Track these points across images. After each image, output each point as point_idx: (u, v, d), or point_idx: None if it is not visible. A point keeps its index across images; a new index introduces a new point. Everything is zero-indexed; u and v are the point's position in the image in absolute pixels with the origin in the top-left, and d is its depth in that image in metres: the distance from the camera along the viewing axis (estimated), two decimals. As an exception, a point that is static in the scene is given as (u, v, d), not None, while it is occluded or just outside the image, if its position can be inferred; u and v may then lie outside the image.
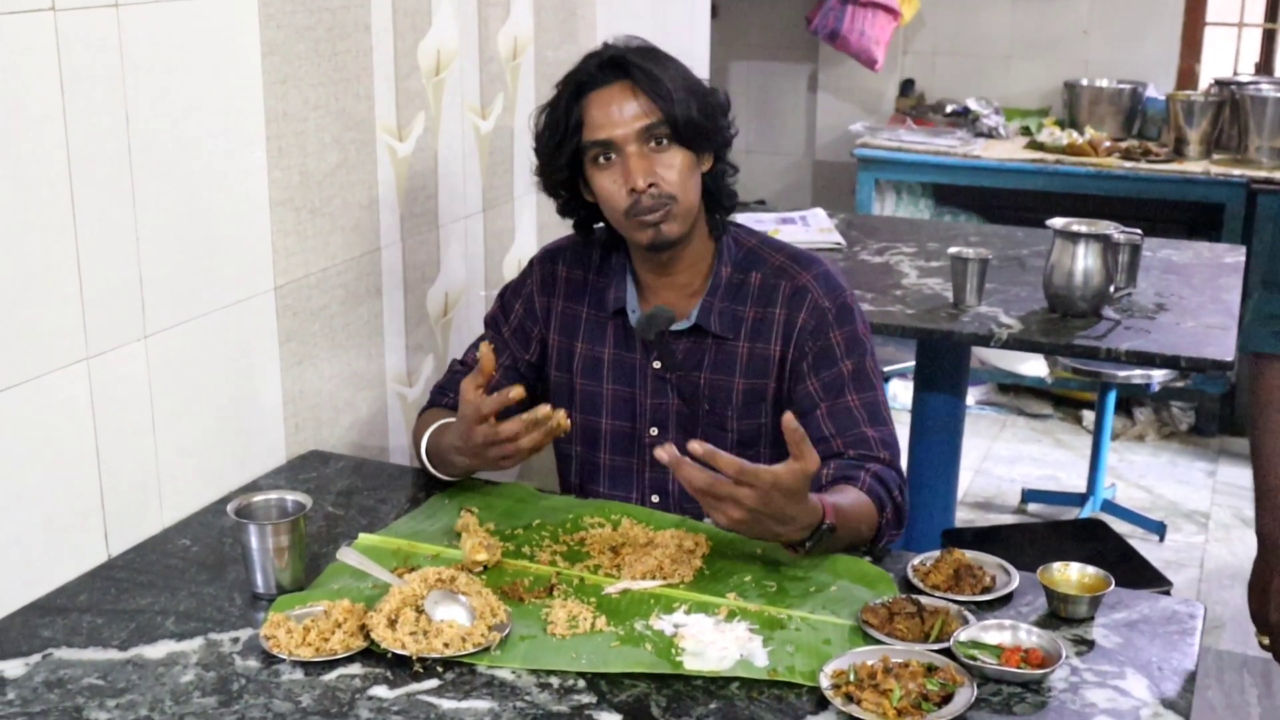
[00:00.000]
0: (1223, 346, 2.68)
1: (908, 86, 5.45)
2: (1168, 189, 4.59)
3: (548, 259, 2.08)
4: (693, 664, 1.49)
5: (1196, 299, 2.99)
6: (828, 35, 5.17)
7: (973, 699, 1.40)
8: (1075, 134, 4.86)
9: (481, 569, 1.72)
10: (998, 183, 4.82)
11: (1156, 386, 4.14)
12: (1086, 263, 2.80)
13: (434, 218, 2.43)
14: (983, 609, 1.62)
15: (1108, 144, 4.77)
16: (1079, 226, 2.83)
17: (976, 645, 1.50)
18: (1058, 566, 1.65)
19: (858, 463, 1.84)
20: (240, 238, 1.96)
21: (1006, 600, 1.65)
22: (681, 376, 1.96)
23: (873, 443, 1.86)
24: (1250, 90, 4.69)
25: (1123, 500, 4.24)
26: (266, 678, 1.48)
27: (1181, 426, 4.84)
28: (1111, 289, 2.87)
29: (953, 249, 2.95)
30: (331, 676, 1.48)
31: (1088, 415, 4.87)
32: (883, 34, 5.13)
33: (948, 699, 1.41)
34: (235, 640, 1.56)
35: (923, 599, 1.60)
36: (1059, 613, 1.61)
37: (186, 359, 1.88)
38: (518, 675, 1.49)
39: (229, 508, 1.69)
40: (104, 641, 1.55)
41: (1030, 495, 4.27)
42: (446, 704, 1.43)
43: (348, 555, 1.73)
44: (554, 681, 1.48)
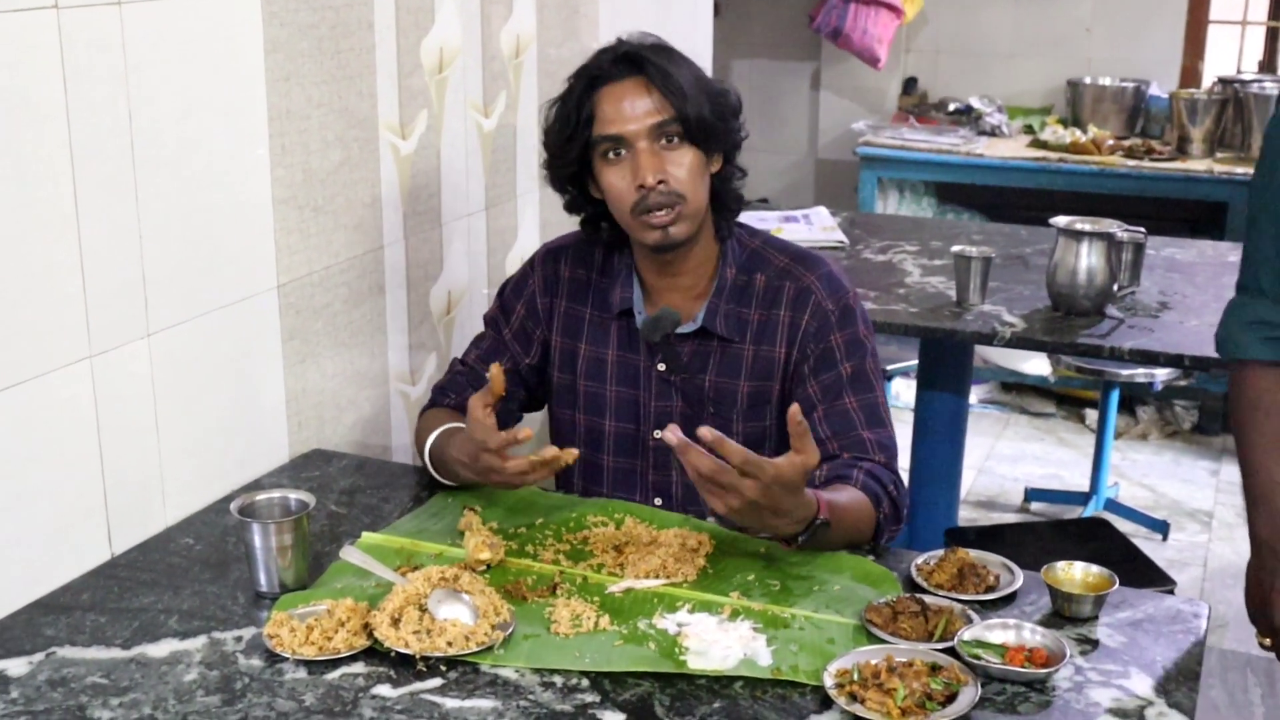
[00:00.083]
0: (1227, 345, 2.68)
1: (910, 85, 5.45)
2: (1171, 187, 4.59)
3: (550, 259, 2.06)
4: (696, 663, 1.49)
5: (1200, 298, 2.99)
6: (830, 33, 5.17)
7: (977, 698, 1.40)
8: (1078, 132, 4.85)
9: (485, 568, 1.72)
10: (1000, 181, 4.82)
11: (1160, 385, 4.13)
12: (1090, 261, 2.80)
13: (436, 216, 2.43)
14: (987, 608, 1.62)
15: (1111, 142, 4.76)
16: (1083, 225, 2.82)
17: (980, 644, 1.50)
18: (1062, 565, 1.65)
19: (851, 462, 1.84)
20: (243, 236, 1.96)
21: (1010, 599, 1.65)
22: (686, 379, 1.95)
23: (869, 445, 1.86)
24: (1254, 88, 4.69)
25: (1126, 499, 4.23)
26: (270, 677, 1.48)
27: (1185, 425, 4.84)
28: (1115, 288, 2.87)
29: (956, 247, 2.95)
30: (335, 675, 1.48)
31: (1090, 414, 4.87)
32: (885, 32, 5.12)
33: (952, 698, 1.41)
34: (238, 639, 1.56)
35: (927, 598, 1.59)
36: (1063, 612, 1.61)
37: (189, 357, 1.88)
38: (521, 674, 1.48)
39: (232, 506, 1.69)
40: (107, 640, 1.55)
41: (1033, 494, 4.27)
42: (450, 703, 1.43)
43: (351, 554, 1.73)
44: (557, 680, 1.48)
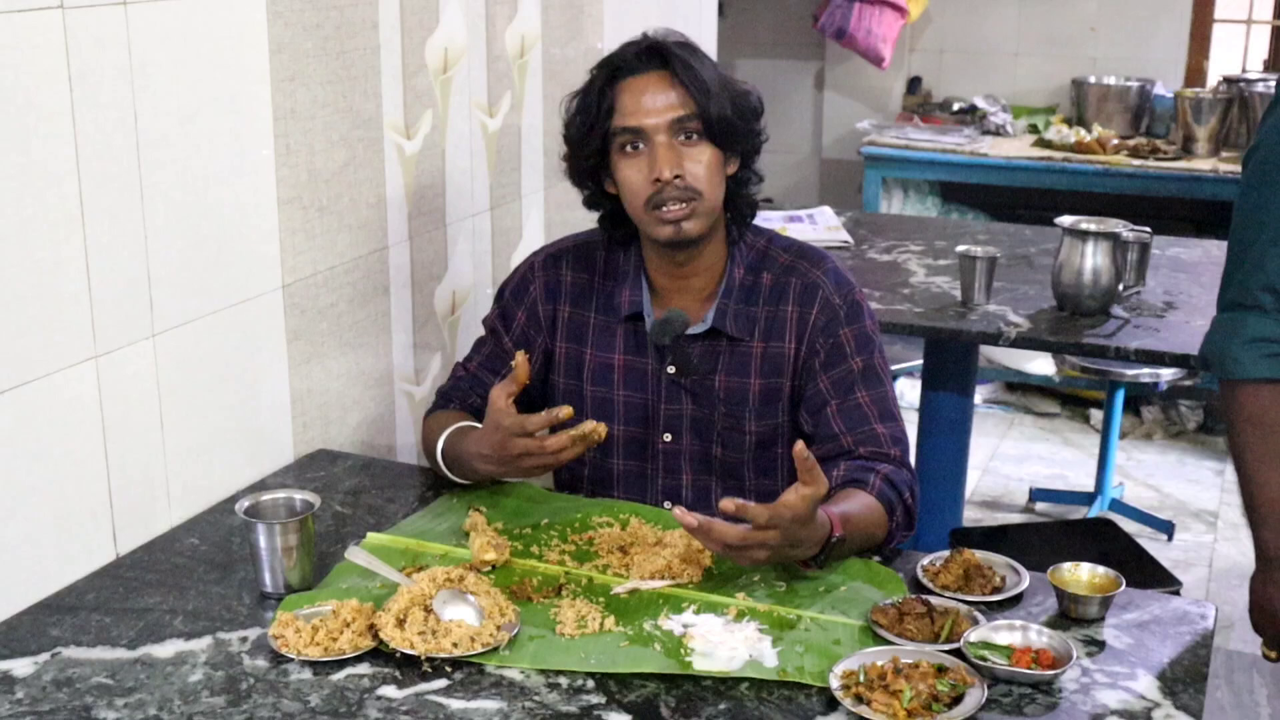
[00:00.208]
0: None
1: (915, 84, 5.44)
2: (1176, 187, 4.58)
3: (551, 263, 2.04)
4: (702, 664, 1.49)
5: (1206, 297, 2.98)
6: (835, 33, 5.16)
7: (983, 700, 1.40)
8: (1083, 131, 4.85)
9: (490, 568, 1.72)
10: (1005, 180, 4.81)
11: (1164, 385, 4.13)
12: (1095, 261, 2.79)
13: (441, 216, 2.43)
14: (993, 609, 1.62)
15: (1115, 141, 4.75)
16: (1088, 225, 2.82)
17: (987, 646, 1.50)
18: (1068, 567, 1.65)
19: (868, 463, 1.83)
20: (248, 236, 1.96)
21: (1017, 600, 1.64)
22: (696, 380, 1.94)
23: (883, 439, 1.86)
24: (1259, 87, 4.68)
25: (1131, 499, 4.23)
26: (275, 677, 1.48)
27: (1189, 425, 4.83)
28: (1120, 287, 2.86)
29: (961, 247, 2.94)
30: (340, 676, 1.48)
31: (1095, 414, 4.86)
32: (890, 32, 5.12)
33: (958, 700, 1.40)
34: (244, 639, 1.56)
35: (933, 599, 1.59)
36: (1069, 613, 1.61)
37: (194, 357, 1.88)
38: (526, 675, 1.48)
39: (237, 507, 1.69)
40: (112, 640, 1.55)
41: (1038, 494, 4.26)
42: (455, 704, 1.43)
43: (356, 554, 1.73)
44: (563, 681, 1.47)
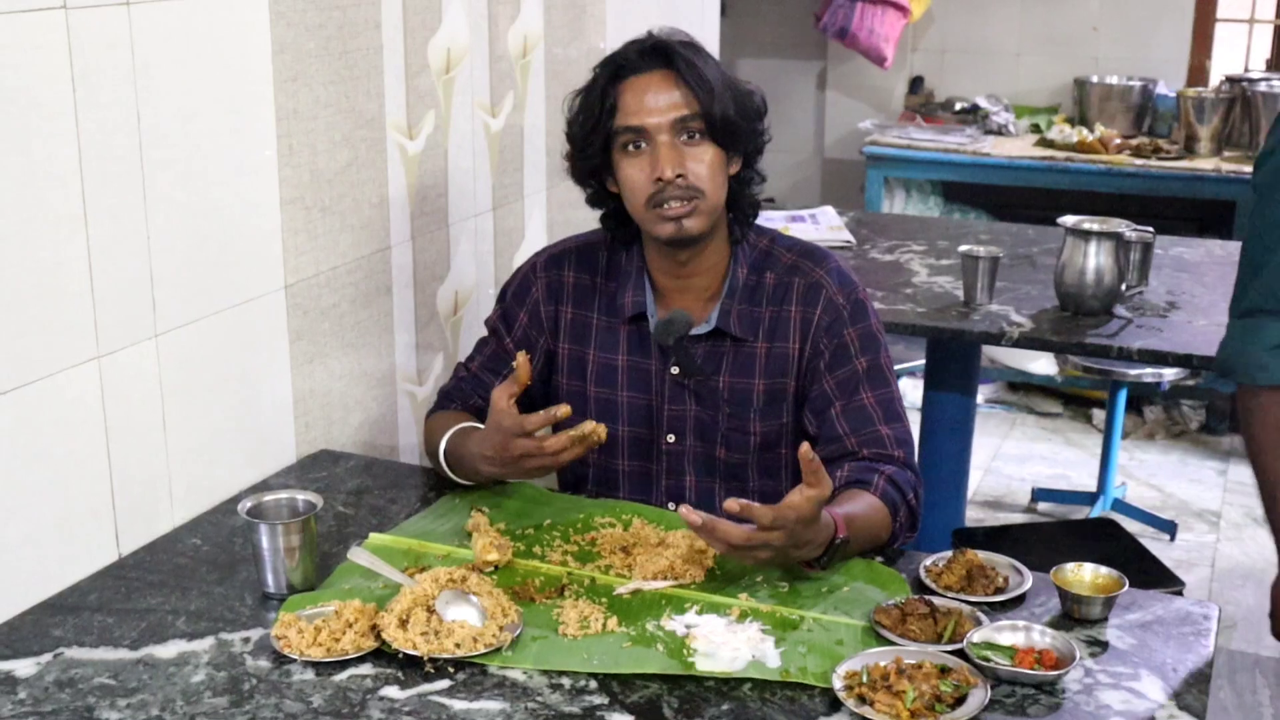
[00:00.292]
0: (1235, 345, 2.67)
1: (917, 84, 5.44)
2: (1178, 186, 4.58)
3: (553, 264, 2.03)
4: (705, 665, 1.49)
5: (1209, 297, 2.98)
6: (837, 33, 5.16)
7: (986, 700, 1.40)
8: (1085, 131, 4.84)
9: (492, 569, 1.72)
10: (1007, 180, 4.81)
11: (1167, 385, 4.12)
12: (1098, 261, 2.79)
13: (444, 216, 2.43)
14: (996, 610, 1.62)
15: (1118, 141, 4.75)
16: (1091, 224, 2.82)
17: (990, 646, 1.50)
18: (1071, 567, 1.64)
19: (872, 464, 1.83)
20: (251, 236, 1.96)
21: (1020, 601, 1.64)
22: (700, 381, 1.94)
23: (887, 440, 1.85)
24: (1261, 87, 4.67)
25: (1133, 499, 4.22)
26: (278, 678, 1.48)
27: (1192, 425, 4.83)
28: (1123, 287, 2.86)
29: (963, 247, 2.94)
30: (343, 677, 1.48)
31: (1098, 414, 4.86)
32: (892, 31, 5.11)
33: (961, 700, 1.40)
34: (246, 640, 1.56)
35: (935, 600, 1.59)
36: (1073, 614, 1.60)
37: (197, 358, 1.88)
38: (529, 676, 1.48)
39: (239, 507, 1.69)
40: (115, 641, 1.55)
41: (1040, 494, 4.26)
42: (458, 704, 1.43)
43: (358, 555, 1.73)
44: (565, 682, 1.47)
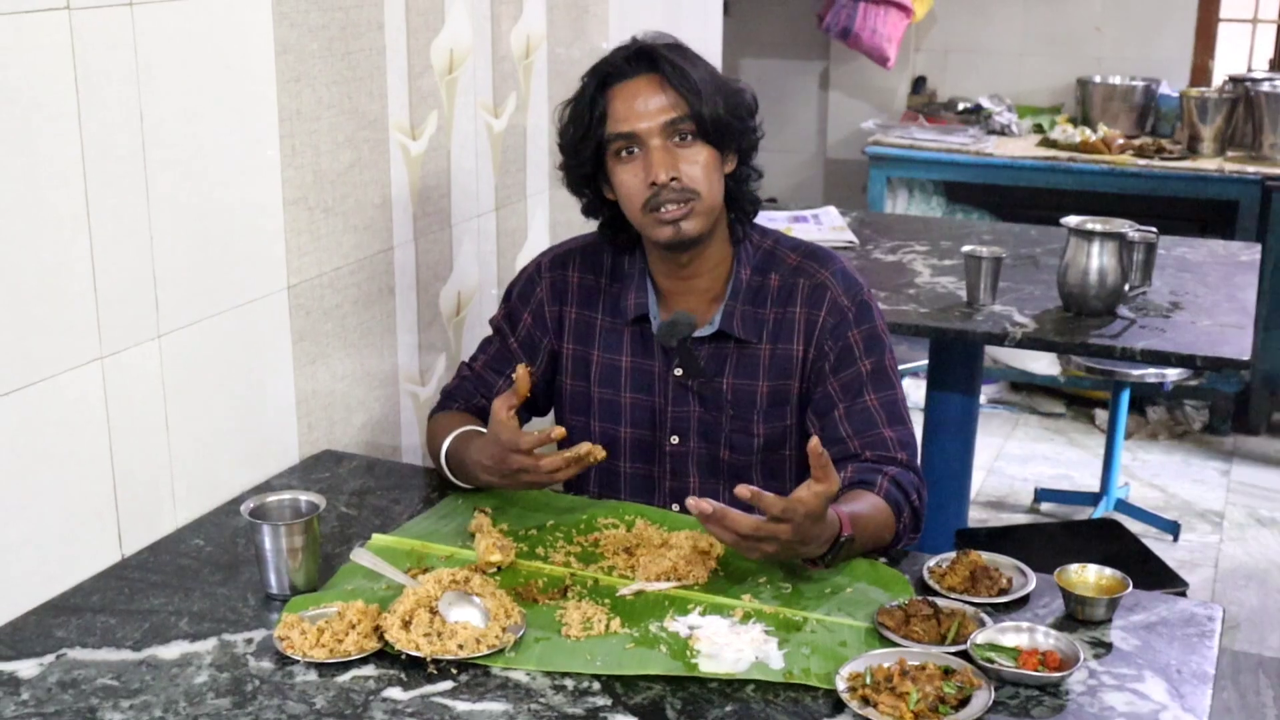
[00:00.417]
0: (1239, 345, 2.67)
1: (920, 84, 5.44)
2: (1181, 186, 4.57)
3: (558, 265, 2.03)
4: (708, 666, 1.49)
5: (1212, 297, 2.98)
6: (839, 33, 5.16)
7: (990, 702, 1.40)
8: (1088, 131, 4.84)
9: (495, 570, 1.71)
10: (1010, 180, 4.81)
11: (1170, 385, 4.12)
12: (1101, 261, 2.79)
13: (446, 216, 2.43)
14: (999, 611, 1.61)
15: (1121, 141, 4.74)
16: (1094, 225, 2.81)
17: (993, 647, 1.50)
18: (1075, 568, 1.64)
19: (875, 466, 1.83)
20: (253, 237, 1.96)
21: (1023, 602, 1.64)
22: (704, 383, 1.94)
23: (890, 443, 1.85)
24: (1265, 87, 4.67)
25: (1136, 500, 4.22)
26: (280, 679, 1.48)
27: (1195, 425, 4.82)
28: (1126, 287, 2.86)
29: (966, 247, 2.94)
30: (345, 678, 1.48)
31: (1100, 414, 4.85)
32: (895, 31, 5.11)
33: (965, 702, 1.40)
34: (249, 641, 1.56)
35: (939, 601, 1.59)
36: (1076, 615, 1.60)
37: (200, 358, 1.88)
38: (532, 677, 1.48)
39: (242, 508, 1.69)
40: (117, 642, 1.55)
41: (1043, 494, 4.25)
42: (461, 706, 1.43)
43: (361, 556, 1.72)
44: (569, 683, 1.47)
